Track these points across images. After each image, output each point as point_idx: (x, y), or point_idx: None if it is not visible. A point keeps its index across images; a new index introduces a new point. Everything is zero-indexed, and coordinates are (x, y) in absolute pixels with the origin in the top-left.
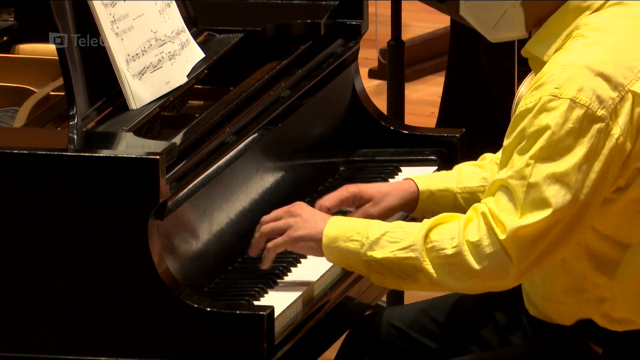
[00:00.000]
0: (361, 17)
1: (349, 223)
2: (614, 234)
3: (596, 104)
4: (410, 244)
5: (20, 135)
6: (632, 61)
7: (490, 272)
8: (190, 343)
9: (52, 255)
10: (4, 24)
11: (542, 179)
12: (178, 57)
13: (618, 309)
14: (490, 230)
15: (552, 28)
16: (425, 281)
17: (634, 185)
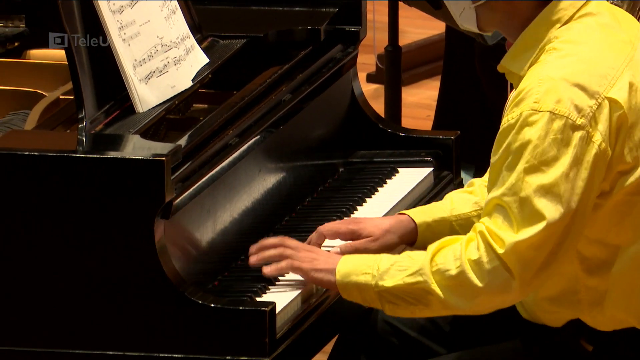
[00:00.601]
0: (359, 23)
1: (360, 259)
2: (603, 237)
3: (575, 114)
4: (418, 269)
5: (31, 138)
6: (605, 69)
7: (493, 288)
8: (195, 338)
9: (62, 253)
10: (16, 30)
11: (532, 192)
12: (183, 62)
13: (609, 309)
14: (489, 247)
15: (525, 43)
16: (436, 304)
17: (617, 189)
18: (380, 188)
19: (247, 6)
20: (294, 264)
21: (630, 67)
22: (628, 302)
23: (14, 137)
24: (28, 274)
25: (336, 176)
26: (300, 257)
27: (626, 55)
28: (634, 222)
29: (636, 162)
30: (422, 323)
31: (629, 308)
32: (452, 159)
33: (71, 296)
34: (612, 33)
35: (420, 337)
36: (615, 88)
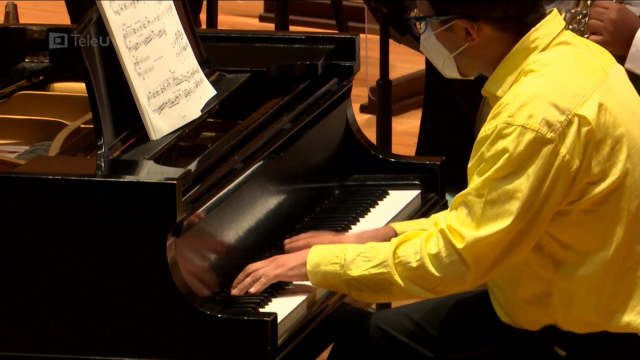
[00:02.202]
0: (353, 59)
1: (328, 249)
2: (573, 243)
3: (545, 129)
4: (382, 261)
5: (55, 163)
6: (577, 89)
7: (450, 279)
8: (203, 345)
9: (82, 268)
10: (41, 65)
11: (497, 197)
12: (193, 94)
13: (579, 311)
14: (448, 242)
15: (506, 68)
16: (397, 292)
17: (585, 198)
18: (372, 209)
19: (251, 43)
20: (269, 275)
21: (601, 89)
22: (597, 305)
23: (39, 162)
24: (51, 286)
25: (332, 198)
26: (272, 267)
27: (597, 79)
28: (601, 229)
29: (603, 175)
30: (412, 329)
31: (598, 310)
32: (437, 182)
33: (90, 307)
34: (585, 59)
35: (410, 341)
36: (585, 106)
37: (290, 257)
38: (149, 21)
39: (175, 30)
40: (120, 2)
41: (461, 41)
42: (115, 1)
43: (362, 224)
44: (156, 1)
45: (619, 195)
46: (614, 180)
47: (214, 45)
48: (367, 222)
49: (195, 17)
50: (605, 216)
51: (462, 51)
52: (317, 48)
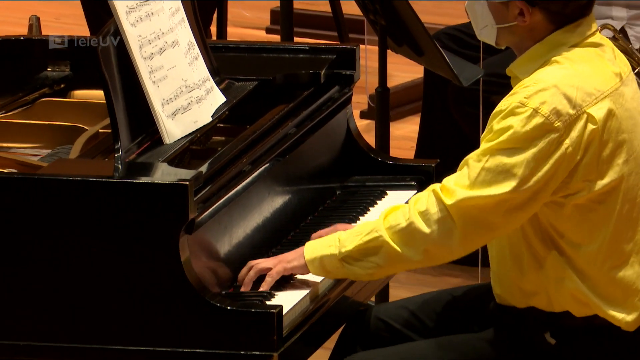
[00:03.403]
0: (354, 68)
1: (322, 239)
2: (565, 233)
3: (554, 117)
4: (373, 228)
5: (75, 165)
6: (592, 89)
7: (438, 236)
8: (214, 335)
9: (100, 264)
10: (62, 74)
11: (494, 166)
12: (204, 101)
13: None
14: (438, 199)
15: (533, 56)
16: (391, 257)
17: (579, 194)
18: (372, 208)
19: (258, 53)
20: (272, 273)
21: (614, 95)
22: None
23: (60, 164)
24: (71, 281)
25: (334, 197)
26: (273, 264)
27: (613, 85)
28: (591, 226)
29: (600, 175)
30: (409, 319)
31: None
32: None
33: (108, 299)
34: (607, 64)
35: (407, 330)
36: (595, 107)
37: (289, 253)
38: (163, 33)
39: (187, 41)
40: (137, 15)
41: (511, 18)
42: (131, 14)
43: (362, 222)
44: (170, 14)
45: (613, 197)
46: (609, 182)
47: (223, 56)
48: (366, 220)
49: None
50: (596, 214)
51: (508, 27)
52: (320, 58)
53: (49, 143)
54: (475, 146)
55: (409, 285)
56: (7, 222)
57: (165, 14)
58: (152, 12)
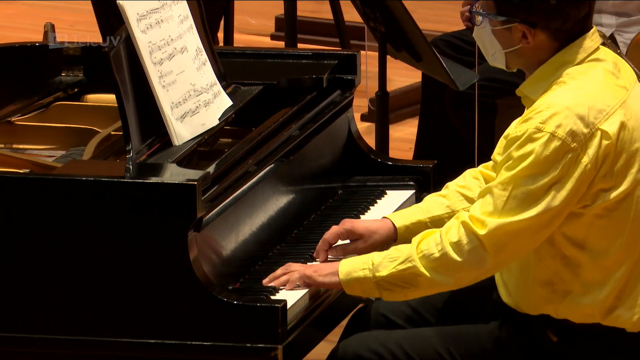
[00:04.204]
0: (355, 73)
1: (357, 259)
2: (583, 242)
3: (570, 139)
4: (407, 257)
5: (88, 166)
6: (603, 106)
7: (470, 264)
8: (221, 328)
9: (112, 260)
10: (75, 78)
11: (520, 193)
12: (211, 105)
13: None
14: (469, 231)
15: (541, 76)
16: (424, 284)
17: (597, 203)
18: (372, 207)
19: (263, 59)
20: (303, 276)
21: (623, 107)
22: (594, 300)
23: (74, 165)
24: (83, 277)
25: (336, 197)
26: (307, 270)
27: (621, 98)
28: (609, 232)
29: (615, 184)
30: (409, 314)
31: (594, 304)
32: (430, 183)
33: (119, 294)
34: (612, 78)
35: (408, 325)
36: (608, 122)
37: (324, 267)
38: (172, 39)
39: (195, 47)
40: (147, 22)
41: (516, 42)
42: (142, 21)
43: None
44: (179, 21)
45: (628, 203)
46: (624, 189)
47: (230, 61)
48: (367, 218)
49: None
50: (614, 220)
51: (514, 50)
52: (322, 63)
53: (63, 145)
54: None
55: None
56: (24, 220)
57: (175, 21)
58: (161, 20)
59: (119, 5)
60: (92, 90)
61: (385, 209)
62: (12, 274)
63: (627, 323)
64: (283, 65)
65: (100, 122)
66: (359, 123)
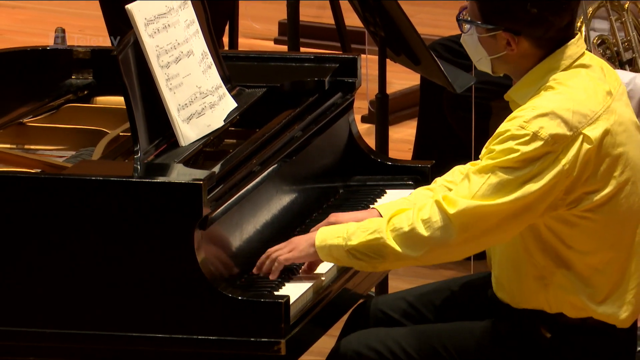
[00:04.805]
0: (355, 76)
1: (333, 228)
2: (572, 243)
3: (552, 140)
4: (377, 228)
5: (97, 166)
6: (587, 111)
7: (436, 239)
8: (226, 323)
9: (120, 257)
10: (85, 81)
11: (496, 181)
12: (217, 106)
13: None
14: (441, 209)
15: (529, 80)
16: (391, 256)
17: (581, 205)
18: (372, 205)
19: (266, 62)
20: (281, 258)
21: (608, 112)
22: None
23: (83, 165)
24: (92, 273)
25: (337, 196)
26: (284, 250)
27: (605, 104)
28: (595, 233)
29: (599, 187)
30: (407, 310)
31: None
32: (428, 183)
33: (127, 290)
34: (598, 84)
35: (405, 320)
36: (591, 127)
37: (301, 239)
38: (178, 43)
39: (201, 51)
40: (154, 27)
41: (501, 49)
42: (150, 26)
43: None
44: (185, 26)
45: (613, 205)
46: (607, 192)
47: (234, 64)
48: None
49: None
50: (599, 223)
51: (499, 57)
52: (324, 66)
53: (73, 145)
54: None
55: (407, 277)
56: (36, 219)
57: (181, 25)
58: (168, 24)
59: (127, 10)
60: (102, 92)
61: None
62: (25, 271)
63: (616, 320)
64: (286, 69)
65: (109, 123)
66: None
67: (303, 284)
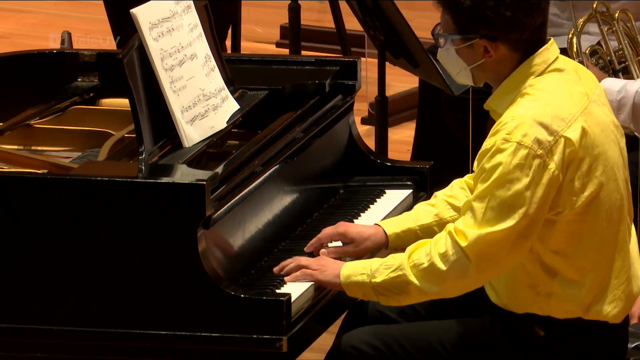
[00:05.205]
0: (355, 78)
1: (357, 264)
2: (560, 248)
3: (536, 146)
4: (399, 266)
5: (103, 167)
6: (565, 114)
7: (455, 272)
8: (229, 320)
9: (125, 256)
10: (91, 84)
11: (496, 203)
12: (220, 108)
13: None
14: (454, 242)
15: (506, 88)
16: (414, 291)
17: (568, 210)
18: (372, 205)
19: (268, 65)
20: (306, 271)
21: (584, 114)
22: (575, 298)
23: (89, 166)
24: (99, 271)
25: (337, 196)
26: (312, 266)
27: (582, 105)
28: (582, 235)
29: (584, 188)
30: (405, 310)
31: (575, 302)
32: (427, 183)
33: (132, 288)
34: (573, 86)
35: (401, 319)
36: (570, 129)
37: (330, 265)
38: (182, 47)
39: (204, 54)
40: (159, 31)
41: (479, 57)
42: (154, 30)
43: (363, 218)
44: (188, 30)
45: (596, 205)
46: (590, 192)
47: (237, 67)
48: (367, 216)
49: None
50: (585, 224)
51: (478, 65)
52: (325, 69)
53: (79, 146)
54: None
55: None
56: (43, 218)
57: (185, 29)
58: (172, 28)
59: (132, 15)
60: (107, 94)
61: (384, 207)
62: (32, 269)
63: (608, 316)
64: (287, 72)
65: (114, 125)
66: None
67: (304, 283)
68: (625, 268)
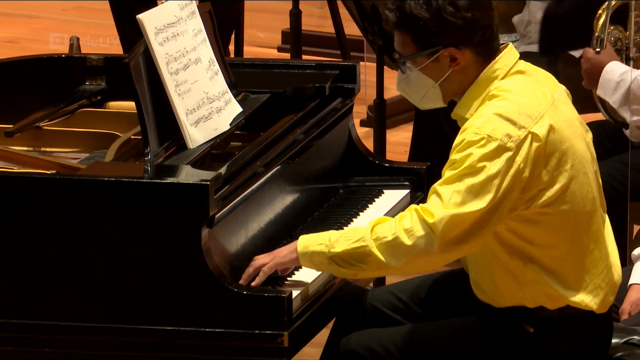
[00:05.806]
0: (355, 82)
1: (315, 235)
2: (533, 238)
3: (506, 139)
4: (361, 237)
5: (110, 167)
6: (531, 111)
7: (419, 248)
8: (232, 316)
9: (130, 254)
10: (98, 87)
11: (462, 188)
12: (223, 111)
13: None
14: (421, 219)
15: (473, 94)
16: (373, 264)
17: (539, 202)
18: (370, 205)
19: (270, 69)
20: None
21: (550, 110)
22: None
23: (97, 167)
24: (106, 268)
25: (337, 196)
26: (267, 259)
27: (547, 102)
28: (555, 226)
29: (552, 182)
30: (397, 305)
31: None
32: (424, 184)
33: (138, 285)
34: (537, 86)
35: (395, 314)
36: (537, 125)
37: (283, 248)
38: (187, 51)
39: (208, 58)
40: (164, 35)
41: (445, 69)
42: (160, 35)
43: (362, 217)
44: (193, 35)
45: (567, 197)
46: (561, 186)
47: (240, 71)
48: (366, 215)
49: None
50: (556, 216)
51: (446, 78)
52: (325, 73)
53: (87, 148)
54: None
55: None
56: (51, 217)
57: (189, 34)
58: (177, 33)
59: (139, 20)
60: (114, 97)
61: (382, 206)
62: (40, 267)
63: (593, 304)
64: (289, 75)
65: (121, 127)
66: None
67: (306, 279)
68: (602, 257)
